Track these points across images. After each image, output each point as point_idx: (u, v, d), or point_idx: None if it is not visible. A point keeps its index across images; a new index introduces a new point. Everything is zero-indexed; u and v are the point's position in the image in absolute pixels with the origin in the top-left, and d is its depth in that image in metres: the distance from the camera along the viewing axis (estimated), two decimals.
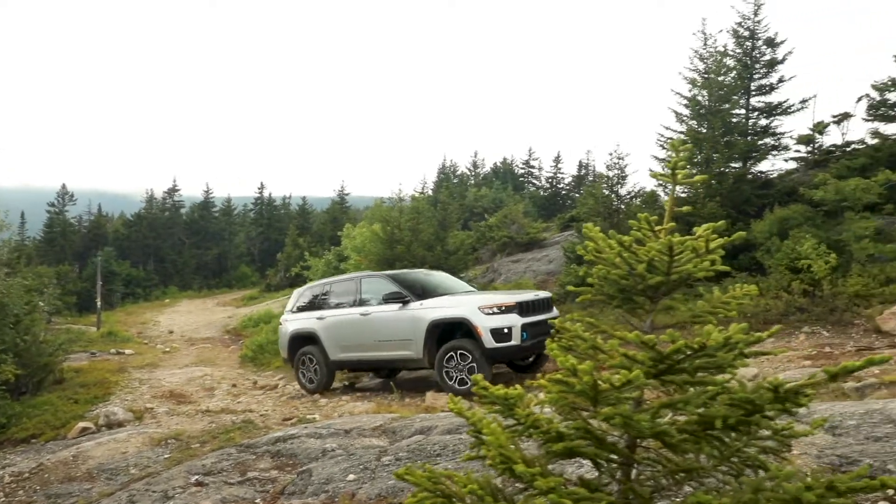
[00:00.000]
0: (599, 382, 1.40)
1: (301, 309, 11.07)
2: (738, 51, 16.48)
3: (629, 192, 16.19)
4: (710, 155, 14.70)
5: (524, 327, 8.54)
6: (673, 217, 2.05)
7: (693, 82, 15.88)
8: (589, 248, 1.90)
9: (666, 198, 15.25)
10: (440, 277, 10.81)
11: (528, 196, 42.15)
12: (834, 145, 16.81)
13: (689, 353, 1.42)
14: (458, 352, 8.63)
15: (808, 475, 1.37)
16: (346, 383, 11.35)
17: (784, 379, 1.42)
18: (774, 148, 16.29)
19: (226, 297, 38.54)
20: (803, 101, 16.24)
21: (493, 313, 8.57)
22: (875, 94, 15.55)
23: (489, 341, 8.43)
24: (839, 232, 11.10)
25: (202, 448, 6.65)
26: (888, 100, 15.38)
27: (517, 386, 1.71)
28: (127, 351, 17.71)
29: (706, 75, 15.85)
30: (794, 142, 16.66)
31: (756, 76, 16.39)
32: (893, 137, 15.13)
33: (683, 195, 14.87)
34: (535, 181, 51.54)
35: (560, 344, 1.76)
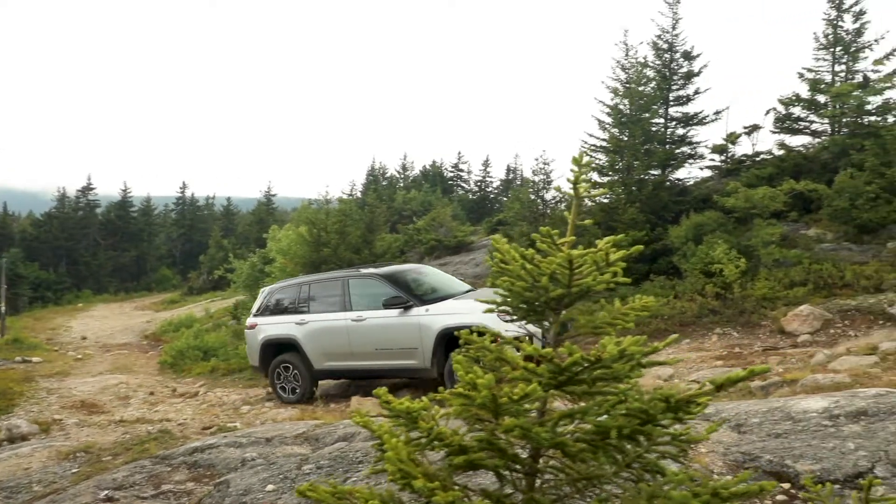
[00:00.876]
0: (499, 395, 1.42)
1: (272, 311, 9.94)
2: (657, 62, 17.19)
3: (554, 197, 16.56)
4: (631, 162, 15.23)
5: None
6: (576, 231, 2.11)
7: (615, 91, 16.40)
8: (495, 259, 1.92)
9: (589, 203, 15.59)
10: (434, 275, 10.06)
11: (456, 199, 42.43)
12: (745, 155, 17.74)
13: (586, 365, 1.46)
14: None
15: (699, 480, 1.43)
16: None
17: (677, 390, 1.49)
18: (691, 156, 17.08)
19: (145, 301, 36.98)
20: (717, 113, 17.11)
21: (514, 319, 8.12)
22: (781, 108, 16.52)
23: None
24: (748, 238, 11.71)
25: (114, 461, 6.34)
26: (792, 114, 16.37)
27: (423, 398, 1.71)
28: (34, 359, 16.69)
29: (627, 85, 16.39)
30: (709, 151, 17.50)
31: (674, 87, 17.14)
32: (797, 149, 16.12)
33: (605, 200, 15.35)
34: (463, 184, 51.92)
35: (467, 355, 1.77)
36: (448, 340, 8.17)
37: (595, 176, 15.93)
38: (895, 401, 3.98)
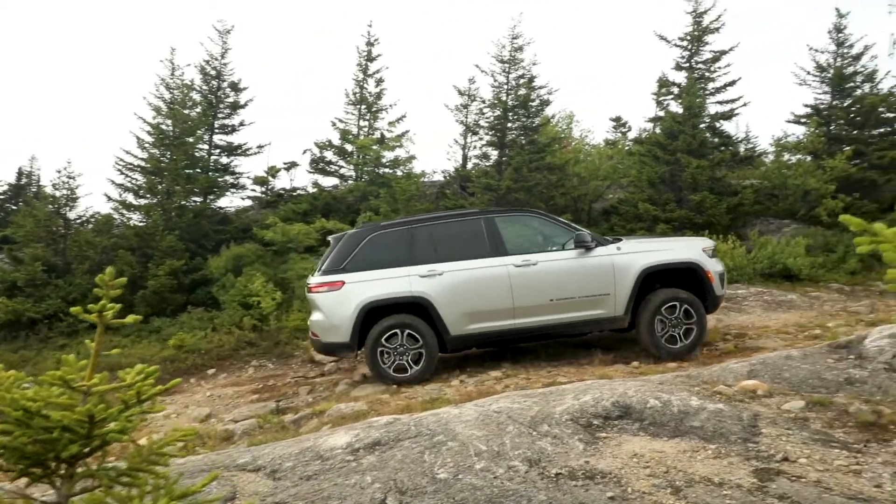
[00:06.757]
0: None
1: (368, 264, 7.45)
2: (204, 87, 17.00)
3: (80, 216, 14.65)
4: (172, 186, 14.56)
5: None
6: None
7: (158, 110, 15.55)
8: None
9: (118, 218, 14.13)
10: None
11: None
12: (284, 189, 18.86)
13: None
14: (673, 303, 7.19)
15: None
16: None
17: None
18: (233, 186, 17.30)
19: None
20: (260, 147, 17.79)
21: (712, 256, 7.57)
22: (317, 151, 18.15)
23: (718, 288, 7.39)
24: (284, 270, 12.38)
25: None
26: (325, 157, 18.15)
27: None
28: None
29: (172, 105, 15.74)
30: (251, 182, 18.04)
31: (220, 115, 17.19)
32: (328, 189, 17.90)
33: (142, 224, 14.33)
34: None
35: None
36: (643, 284, 7.31)
37: (131, 198, 14.73)
38: (401, 428, 4.62)
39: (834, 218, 14.02)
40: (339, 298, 7.40)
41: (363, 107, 18.44)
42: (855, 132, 15.82)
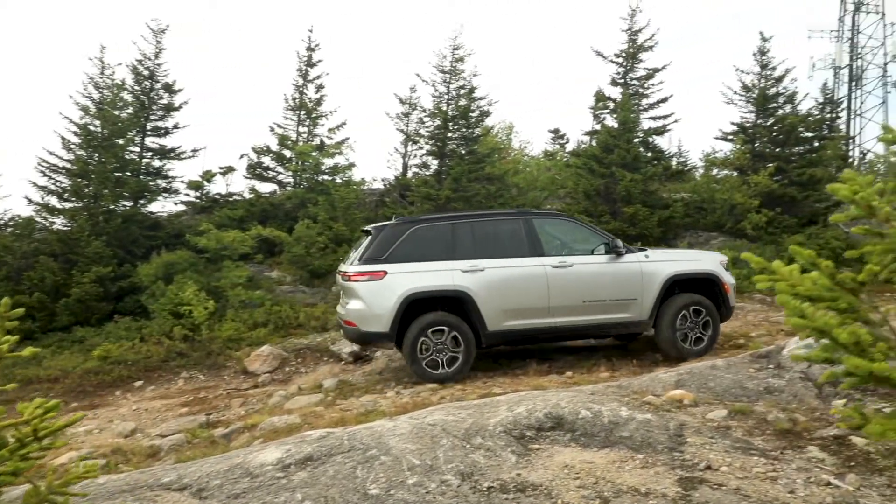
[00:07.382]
0: None
1: (411, 256, 7.40)
2: (136, 88, 16.43)
3: None
4: (100, 190, 13.99)
5: None
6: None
7: (86, 110, 14.92)
8: None
9: (40, 222, 13.43)
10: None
11: None
12: (219, 194, 18.32)
13: None
14: (693, 308, 7.61)
15: None
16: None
17: None
18: (166, 190, 16.73)
19: None
20: (195, 150, 17.24)
21: (726, 269, 8.06)
22: (254, 156, 17.77)
23: (732, 299, 7.94)
24: (218, 279, 12.05)
25: None
26: (263, 162, 17.78)
27: None
28: None
29: (101, 105, 15.13)
30: (185, 186, 17.47)
31: (153, 117, 16.63)
32: (265, 195, 17.52)
33: (66, 228, 13.71)
34: None
35: None
36: (666, 291, 7.72)
37: (54, 201, 14.06)
38: (334, 442, 4.55)
39: (758, 231, 14.70)
40: (380, 288, 7.31)
41: (303, 112, 18.17)
42: (777, 150, 16.60)
